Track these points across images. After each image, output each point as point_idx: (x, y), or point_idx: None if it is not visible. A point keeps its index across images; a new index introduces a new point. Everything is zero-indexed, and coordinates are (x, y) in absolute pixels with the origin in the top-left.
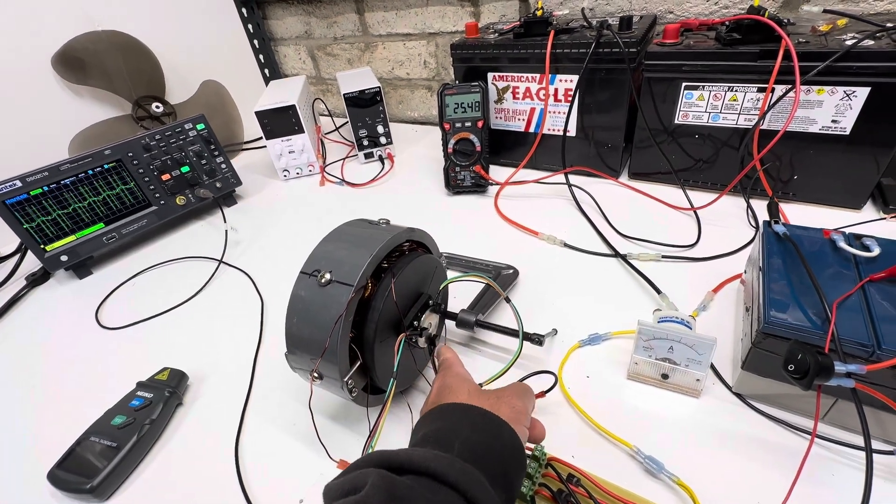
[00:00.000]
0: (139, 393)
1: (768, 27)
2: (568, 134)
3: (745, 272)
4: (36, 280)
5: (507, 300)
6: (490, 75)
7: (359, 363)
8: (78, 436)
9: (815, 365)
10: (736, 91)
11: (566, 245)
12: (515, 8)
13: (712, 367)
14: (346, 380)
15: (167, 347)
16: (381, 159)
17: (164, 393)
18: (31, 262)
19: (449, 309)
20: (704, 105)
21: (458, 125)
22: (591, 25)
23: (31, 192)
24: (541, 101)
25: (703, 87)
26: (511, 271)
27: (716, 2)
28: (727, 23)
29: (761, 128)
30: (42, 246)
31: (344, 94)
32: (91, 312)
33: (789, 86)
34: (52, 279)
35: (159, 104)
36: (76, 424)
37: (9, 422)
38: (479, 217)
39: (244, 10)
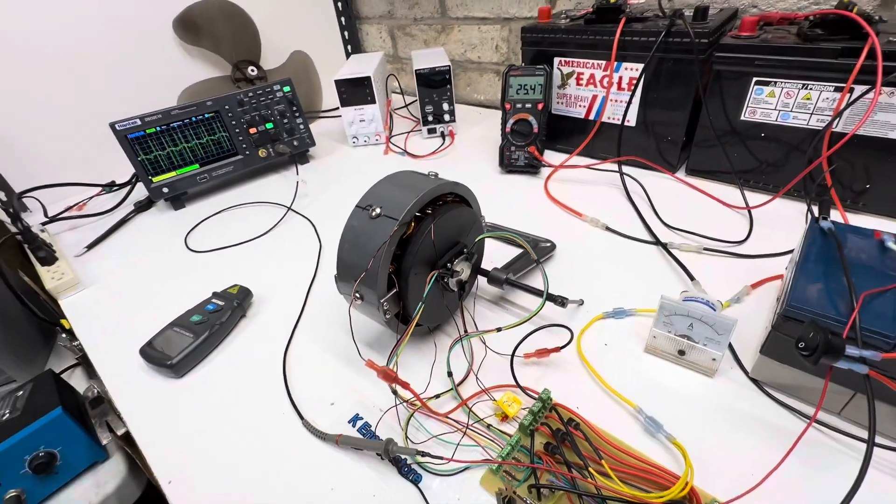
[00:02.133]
0: (213, 300)
1: (855, 23)
2: (628, 124)
3: (786, 269)
4: (142, 206)
5: (538, 262)
6: (556, 60)
7: (394, 290)
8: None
9: (825, 343)
10: (811, 89)
11: (608, 228)
12: None
13: (732, 350)
14: (381, 301)
15: (239, 270)
16: (442, 135)
17: (233, 303)
18: (138, 192)
19: (483, 267)
20: (775, 102)
21: (519, 106)
22: (664, 14)
23: (146, 131)
24: (603, 89)
25: (776, 83)
26: (549, 244)
27: None
28: (811, 17)
29: (834, 130)
30: (150, 177)
31: (416, 70)
32: (181, 238)
33: (869, 86)
34: (154, 207)
35: (254, 68)
36: (164, 317)
37: (114, 309)
38: (528, 196)
39: None
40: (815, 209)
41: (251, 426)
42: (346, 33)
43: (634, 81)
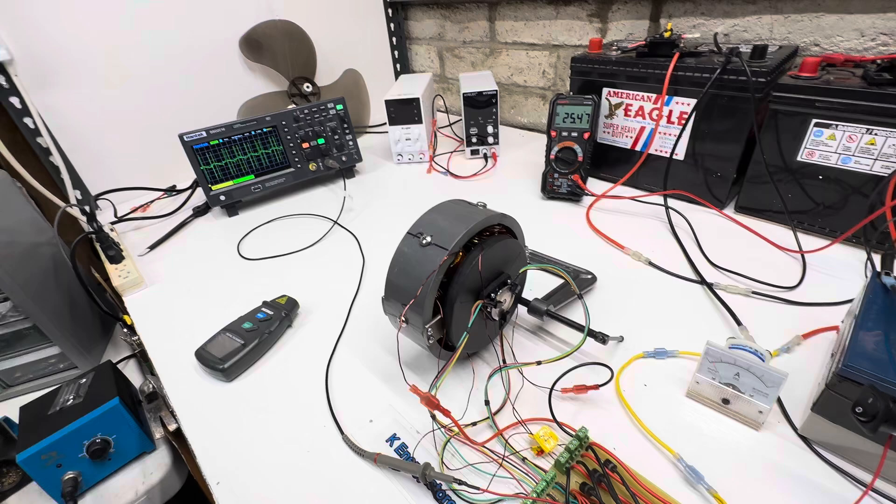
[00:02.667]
0: (263, 309)
1: None
2: (675, 157)
3: (842, 322)
4: (199, 212)
5: (580, 296)
6: (605, 90)
7: (439, 317)
8: (217, 330)
9: (886, 411)
10: (875, 134)
11: (651, 263)
12: (644, 27)
13: (781, 405)
14: (426, 327)
15: (286, 280)
16: (485, 157)
17: (281, 314)
18: (197, 198)
19: (523, 296)
20: (835, 145)
21: (565, 134)
22: (720, 51)
23: (210, 142)
24: (652, 122)
25: (837, 126)
26: (590, 276)
27: (872, 38)
28: (879, 61)
29: None
30: (209, 185)
31: (463, 94)
32: (234, 244)
33: None
34: (210, 213)
35: (310, 84)
36: (217, 321)
37: (172, 309)
38: (569, 224)
39: (389, 11)
40: (877, 261)
41: (294, 436)
42: (395, 52)
43: (685, 115)
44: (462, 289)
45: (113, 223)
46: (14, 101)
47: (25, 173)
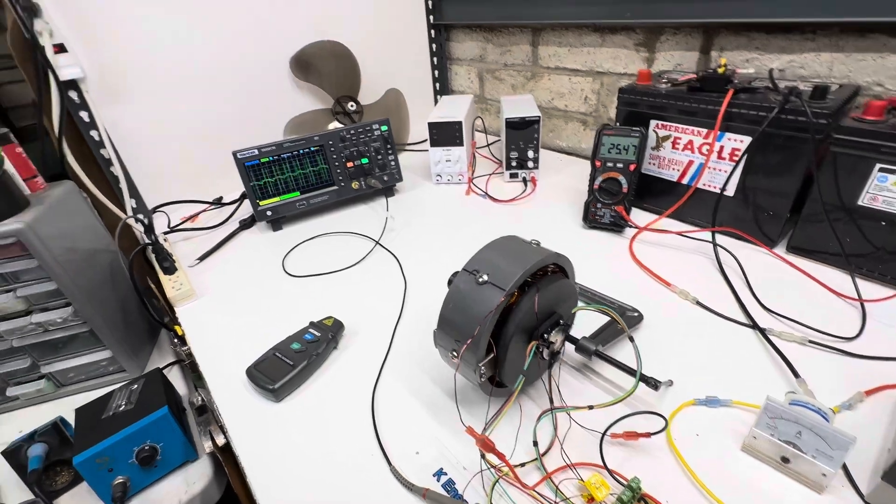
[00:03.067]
0: (311, 330)
1: None
2: (725, 193)
3: None
4: (245, 225)
5: (631, 339)
6: (653, 122)
7: (492, 355)
8: (267, 349)
9: None
10: None
11: (698, 303)
12: (694, 59)
13: (845, 467)
14: (480, 365)
15: (330, 298)
16: (524, 181)
17: (328, 336)
18: (243, 211)
19: (571, 333)
20: None
21: (610, 164)
22: (776, 88)
23: (261, 160)
24: (702, 156)
25: None
26: (636, 314)
27: None
28: None
29: None
30: (258, 200)
31: (506, 118)
32: (279, 259)
33: None
34: (255, 227)
35: (354, 103)
36: (264, 337)
37: (220, 322)
38: (611, 255)
39: (432, 32)
40: None
41: (341, 460)
42: (436, 72)
43: (738, 152)
44: (517, 329)
45: (165, 233)
46: (83, 115)
47: (90, 184)
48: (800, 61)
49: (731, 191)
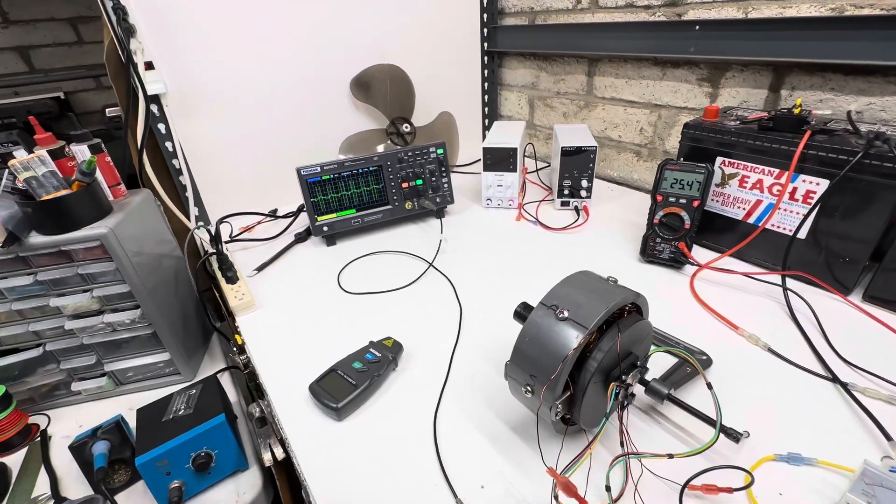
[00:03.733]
0: (371, 350)
1: None
2: (797, 236)
3: None
4: (300, 238)
5: (710, 386)
6: (719, 159)
7: (568, 394)
8: (327, 364)
9: None
10: None
11: (770, 350)
12: (762, 97)
13: None
14: (557, 403)
15: (386, 318)
16: (576, 210)
17: (388, 357)
18: (298, 224)
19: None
20: None
21: (672, 200)
22: (857, 132)
23: (322, 177)
24: (772, 196)
25: None
26: (704, 357)
27: None
28: None
29: None
30: (316, 216)
31: (562, 147)
32: (334, 274)
33: None
34: (310, 240)
35: (408, 125)
36: (322, 352)
37: (279, 335)
38: (671, 292)
39: (486, 59)
40: None
41: (405, 486)
42: (486, 97)
43: (812, 195)
44: (597, 369)
45: (227, 242)
46: (161, 127)
47: (163, 193)
48: (880, 104)
49: (802, 234)
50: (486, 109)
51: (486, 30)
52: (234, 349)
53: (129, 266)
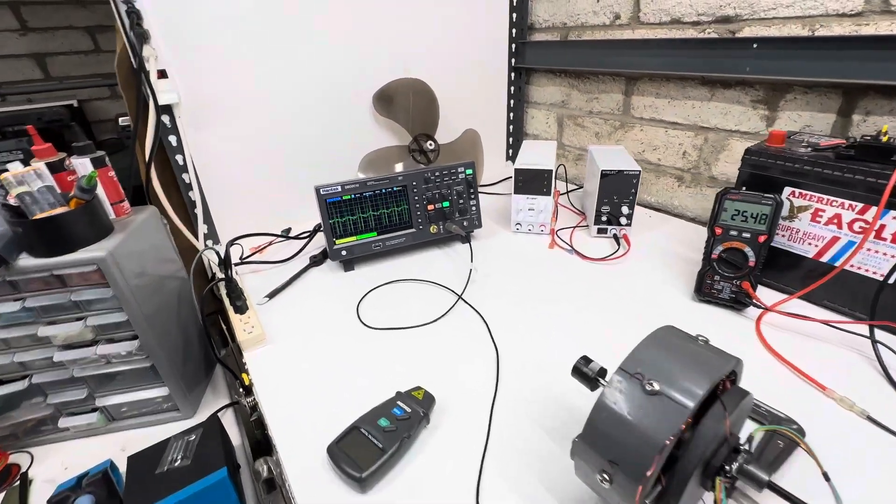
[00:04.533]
0: (399, 403)
1: None
2: (888, 281)
3: None
4: (315, 261)
5: (827, 478)
6: (787, 190)
7: (660, 489)
8: (347, 417)
9: None
10: None
11: (870, 419)
12: (828, 121)
13: None
14: (647, 501)
15: (413, 358)
16: (615, 238)
17: (419, 412)
18: (314, 246)
19: None
20: None
21: (734, 233)
22: None
23: (343, 197)
24: (853, 234)
25: None
26: (794, 426)
27: None
28: None
29: None
30: (334, 239)
31: (602, 170)
32: (353, 305)
33: None
34: (325, 264)
35: (432, 142)
36: (343, 401)
37: (293, 377)
38: (735, 339)
39: (512, 75)
40: None
41: None
42: (511, 114)
43: None
44: (698, 460)
45: (236, 264)
46: (172, 139)
47: (171, 210)
48: None
49: (892, 278)
50: (511, 127)
51: (514, 45)
52: (241, 389)
53: (128, 293)
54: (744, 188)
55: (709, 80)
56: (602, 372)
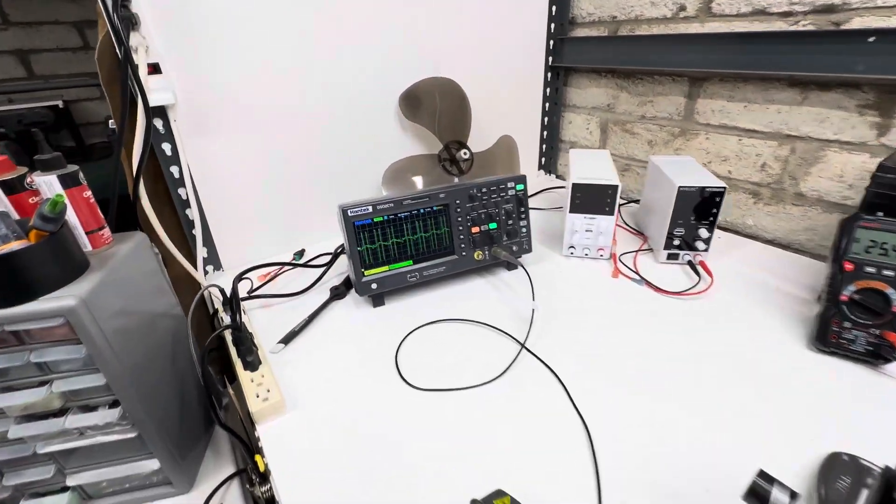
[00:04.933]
0: None
1: None
2: None
3: None
4: (338, 293)
5: None
6: None
7: None
8: None
9: None
10: None
11: None
12: None
13: None
14: None
15: (477, 437)
16: (691, 266)
17: None
18: (334, 273)
19: None
20: None
21: (871, 270)
22: None
23: (374, 219)
24: None
25: None
26: None
27: None
28: None
29: None
30: (363, 270)
31: (680, 187)
32: (390, 354)
33: None
34: (349, 296)
35: (466, 150)
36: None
37: (322, 473)
38: (873, 405)
39: (549, 75)
40: None
41: None
42: (545, 119)
43: None
44: None
45: (243, 299)
46: (166, 147)
47: (164, 234)
48: None
49: None
50: (545, 133)
51: (552, 42)
52: (255, 478)
53: (106, 351)
54: (880, 213)
55: (799, 80)
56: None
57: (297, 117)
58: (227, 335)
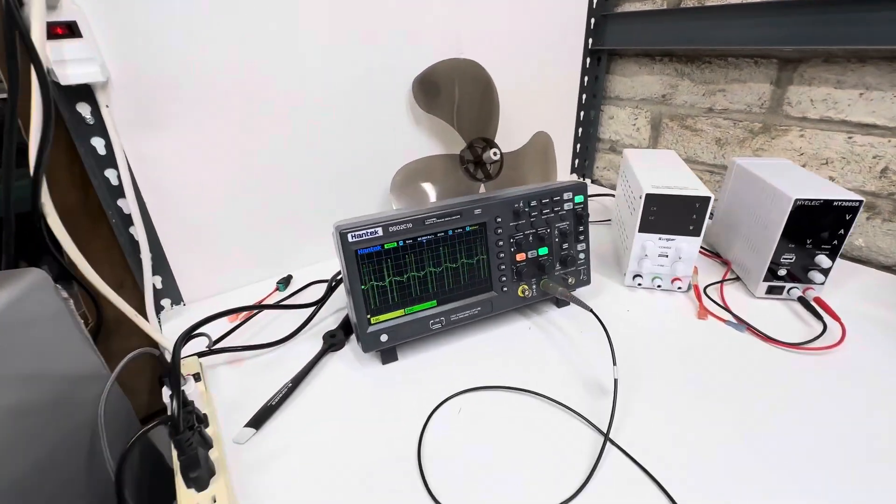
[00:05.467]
0: None
1: None
2: None
3: None
4: (333, 342)
5: None
6: None
7: None
8: None
9: None
10: None
11: None
12: None
13: None
14: None
15: None
16: (804, 305)
17: None
18: (328, 313)
19: None
20: None
21: None
22: None
23: (384, 246)
24: None
25: None
26: None
27: None
28: None
29: None
30: (368, 316)
31: (795, 200)
32: (411, 445)
33: None
34: (348, 346)
35: (497, 151)
36: None
37: None
38: None
39: (587, 61)
40: None
41: None
42: (581, 113)
43: None
44: None
45: (200, 354)
46: (97, 143)
47: (84, 264)
48: None
49: None
50: (580, 130)
51: (592, 20)
52: None
53: None
54: None
55: None
56: None
57: (284, 102)
58: (175, 462)
